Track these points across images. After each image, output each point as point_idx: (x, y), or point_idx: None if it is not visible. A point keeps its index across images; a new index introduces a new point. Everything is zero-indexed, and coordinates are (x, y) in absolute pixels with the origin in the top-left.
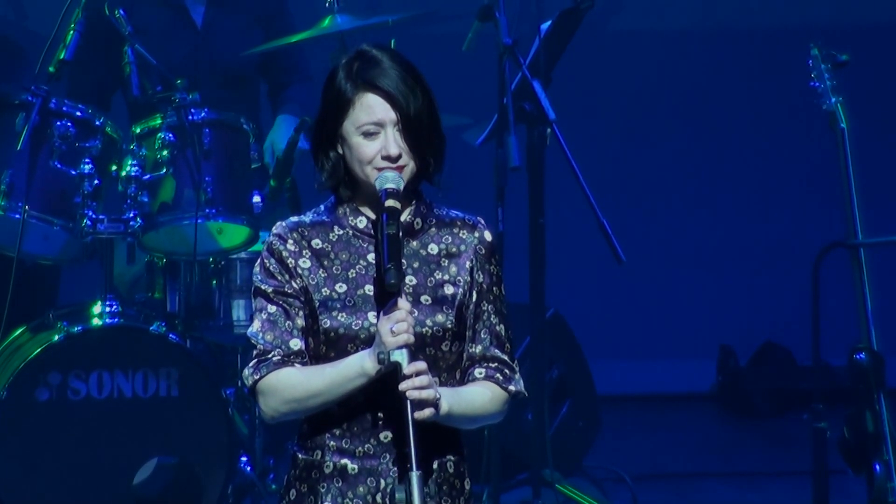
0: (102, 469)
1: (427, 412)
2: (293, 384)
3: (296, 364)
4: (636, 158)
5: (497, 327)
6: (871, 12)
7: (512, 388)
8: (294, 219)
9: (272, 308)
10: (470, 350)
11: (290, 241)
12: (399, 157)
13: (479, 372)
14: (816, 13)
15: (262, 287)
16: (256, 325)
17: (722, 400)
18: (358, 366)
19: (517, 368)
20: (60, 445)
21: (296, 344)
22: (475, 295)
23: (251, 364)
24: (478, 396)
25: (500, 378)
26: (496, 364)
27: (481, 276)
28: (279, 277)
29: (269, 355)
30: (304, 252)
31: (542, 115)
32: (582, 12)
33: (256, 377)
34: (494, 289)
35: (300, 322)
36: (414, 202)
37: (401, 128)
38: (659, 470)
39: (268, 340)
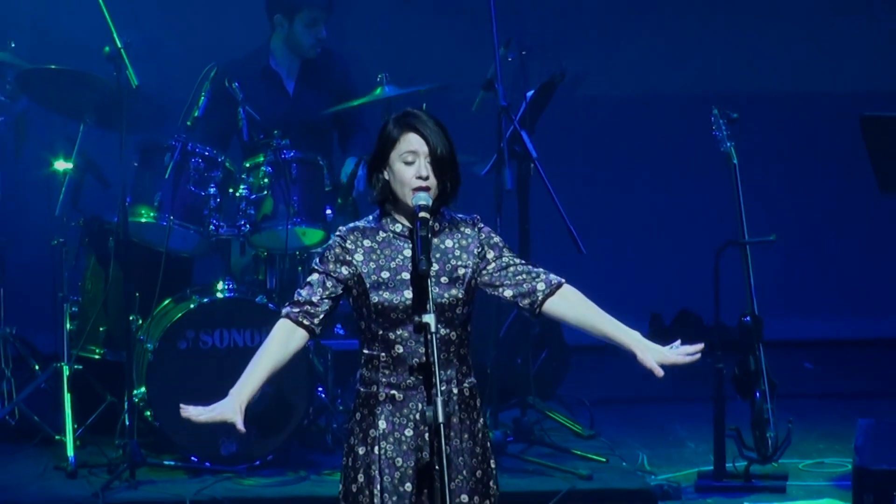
0: (224, 396)
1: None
2: (271, 335)
3: (300, 318)
4: (594, 184)
5: (522, 264)
6: (755, 84)
7: (562, 280)
8: (352, 224)
9: (314, 277)
10: (522, 287)
11: (349, 241)
12: (427, 177)
13: (543, 288)
14: (717, 84)
15: (317, 267)
16: (303, 284)
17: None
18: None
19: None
20: (195, 380)
21: (314, 297)
22: (491, 262)
23: (287, 303)
24: (591, 307)
25: (555, 281)
26: (544, 274)
27: (490, 249)
28: (331, 265)
29: (293, 304)
30: (358, 248)
31: (527, 154)
32: (556, 84)
33: (282, 312)
34: (505, 249)
35: (329, 292)
36: (436, 216)
37: (430, 160)
38: (609, 396)
39: (301, 293)
